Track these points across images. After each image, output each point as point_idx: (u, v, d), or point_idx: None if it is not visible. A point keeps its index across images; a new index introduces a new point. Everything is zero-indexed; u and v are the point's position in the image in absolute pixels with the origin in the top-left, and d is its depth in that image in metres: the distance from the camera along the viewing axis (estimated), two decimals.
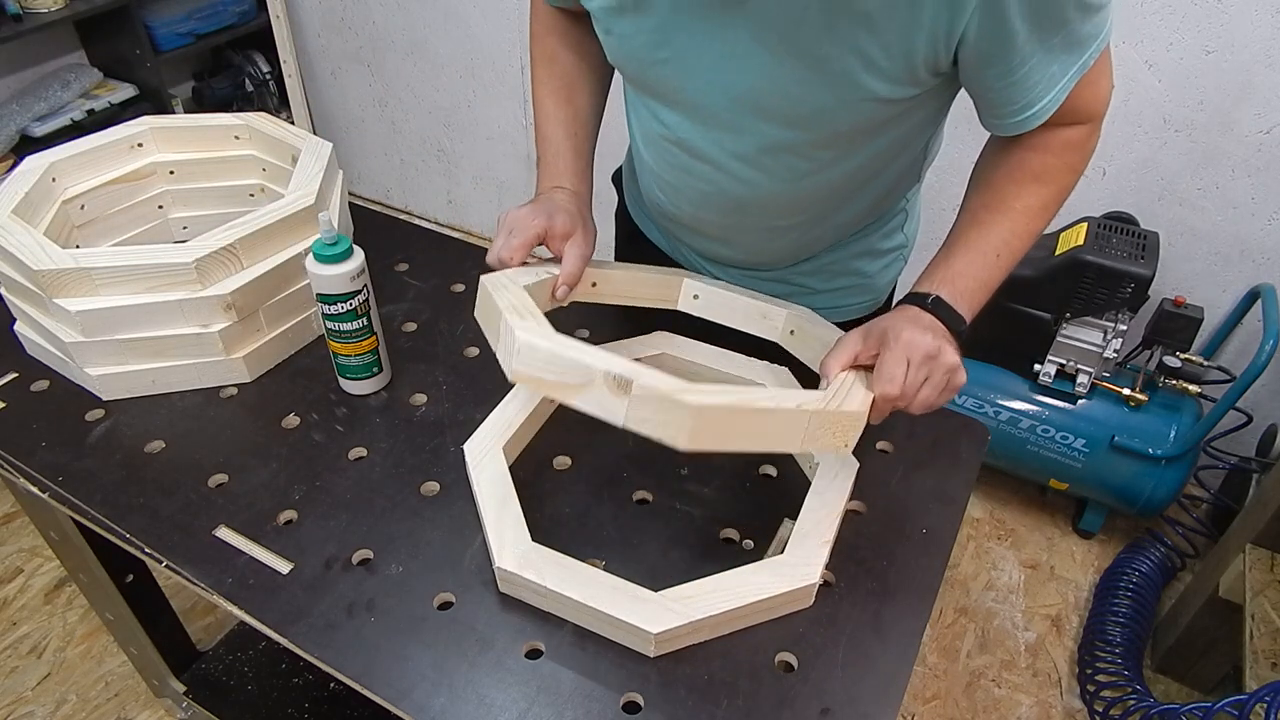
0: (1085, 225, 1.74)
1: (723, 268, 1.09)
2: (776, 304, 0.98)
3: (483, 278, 0.81)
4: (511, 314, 0.73)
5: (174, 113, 2.61)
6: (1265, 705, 1.21)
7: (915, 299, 0.80)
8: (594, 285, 0.95)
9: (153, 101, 2.62)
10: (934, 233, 0.89)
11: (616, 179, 1.23)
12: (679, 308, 1.02)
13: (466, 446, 0.87)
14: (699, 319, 1.10)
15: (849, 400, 0.72)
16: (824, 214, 0.94)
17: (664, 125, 0.89)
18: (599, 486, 0.91)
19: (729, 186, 0.90)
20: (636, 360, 0.71)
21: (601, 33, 0.86)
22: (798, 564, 0.77)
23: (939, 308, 0.78)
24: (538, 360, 0.69)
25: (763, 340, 1.00)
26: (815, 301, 1.07)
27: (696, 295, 1.01)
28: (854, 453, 0.88)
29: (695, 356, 1.01)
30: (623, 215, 1.23)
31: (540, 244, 0.88)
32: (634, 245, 1.20)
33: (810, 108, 0.78)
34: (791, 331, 0.95)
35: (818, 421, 0.69)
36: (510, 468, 0.87)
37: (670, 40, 0.79)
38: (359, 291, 0.94)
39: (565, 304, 0.90)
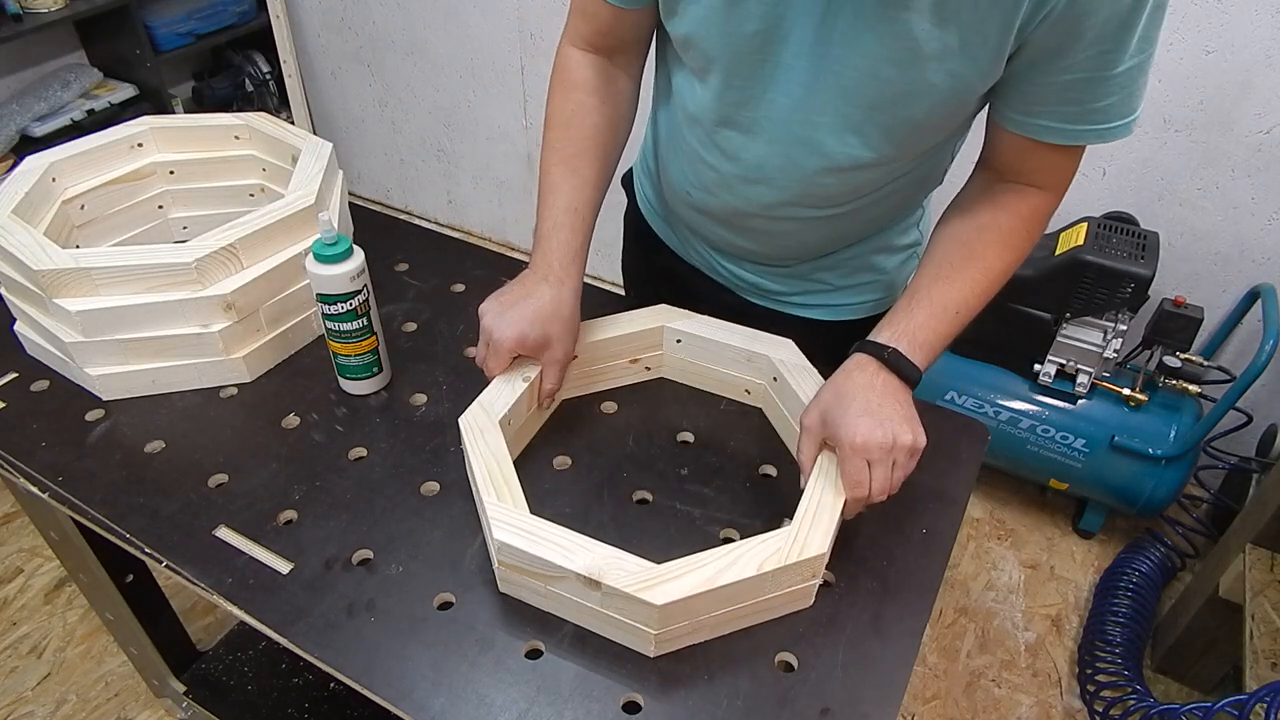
0: (1085, 225, 1.74)
1: (739, 261, 1.08)
2: (760, 341, 0.98)
3: (461, 420, 0.87)
4: (488, 490, 0.79)
5: (174, 113, 2.61)
6: (1265, 705, 1.21)
7: (873, 349, 0.81)
8: (575, 358, 0.98)
9: (153, 101, 2.62)
10: None
11: (626, 182, 1.23)
12: (664, 351, 1.03)
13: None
14: (704, 287, 1.13)
15: (810, 542, 0.75)
16: (862, 207, 0.94)
17: (725, 104, 0.87)
18: (599, 486, 0.92)
19: (779, 172, 0.89)
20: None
21: (669, 14, 0.85)
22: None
23: (897, 361, 0.80)
24: (516, 556, 0.75)
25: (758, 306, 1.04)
26: (832, 298, 1.07)
27: (679, 339, 1.01)
28: None
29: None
30: (632, 215, 1.22)
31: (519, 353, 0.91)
32: (641, 243, 1.20)
33: (898, 90, 0.77)
34: (775, 379, 0.96)
35: (782, 573, 0.74)
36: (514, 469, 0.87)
37: (768, 12, 0.78)
38: (359, 291, 0.94)
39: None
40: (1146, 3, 0.69)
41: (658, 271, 1.19)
